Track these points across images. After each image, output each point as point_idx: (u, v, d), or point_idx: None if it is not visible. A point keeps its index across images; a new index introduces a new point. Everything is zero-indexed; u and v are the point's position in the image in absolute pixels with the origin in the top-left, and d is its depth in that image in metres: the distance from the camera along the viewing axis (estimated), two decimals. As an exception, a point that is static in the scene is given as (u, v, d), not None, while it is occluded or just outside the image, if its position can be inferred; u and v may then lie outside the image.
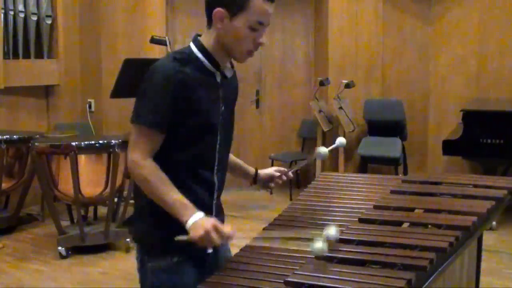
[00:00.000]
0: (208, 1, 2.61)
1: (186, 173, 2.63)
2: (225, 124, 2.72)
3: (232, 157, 2.99)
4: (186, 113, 2.55)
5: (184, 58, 2.59)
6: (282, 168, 3.13)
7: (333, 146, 3.26)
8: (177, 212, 2.49)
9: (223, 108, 2.70)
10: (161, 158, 2.57)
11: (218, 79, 2.68)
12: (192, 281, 2.62)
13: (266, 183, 3.10)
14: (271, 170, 3.10)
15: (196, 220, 2.46)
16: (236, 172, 3.09)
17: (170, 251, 2.63)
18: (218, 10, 2.54)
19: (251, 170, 3.09)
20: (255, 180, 3.09)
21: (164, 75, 2.54)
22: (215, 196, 2.76)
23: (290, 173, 3.13)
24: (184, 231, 2.47)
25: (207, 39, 2.63)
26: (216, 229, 2.44)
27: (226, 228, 2.49)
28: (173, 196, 2.51)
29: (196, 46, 2.64)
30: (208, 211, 2.63)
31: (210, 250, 2.67)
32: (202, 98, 2.59)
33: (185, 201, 2.51)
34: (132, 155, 2.55)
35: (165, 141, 2.58)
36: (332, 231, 2.52)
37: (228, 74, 2.72)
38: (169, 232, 2.51)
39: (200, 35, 2.68)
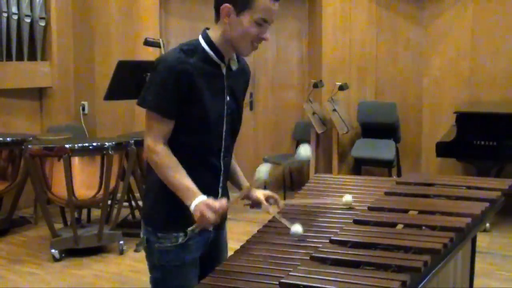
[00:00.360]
0: None
1: (193, 158, 2.79)
2: (232, 113, 2.88)
3: (233, 163, 3.11)
4: (189, 101, 2.70)
5: (190, 49, 2.75)
6: (275, 196, 3.14)
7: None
8: (182, 195, 2.69)
9: (228, 98, 2.85)
10: (174, 140, 2.76)
11: (224, 70, 2.83)
12: (197, 257, 2.87)
13: (254, 203, 3.12)
14: (262, 196, 3.10)
15: (195, 205, 2.65)
16: (232, 180, 3.14)
17: (174, 228, 2.80)
18: (226, 6, 2.70)
19: (245, 185, 3.12)
20: (246, 196, 3.09)
21: (167, 65, 2.69)
22: (221, 180, 2.93)
23: (281, 204, 3.15)
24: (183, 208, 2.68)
25: (214, 33, 2.80)
26: (209, 207, 2.63)
27: (217, 203, 2.66)
28: (181, 181, 2.69)
29: (204, 38, 2.81)
30: (214, 195, 2.80)
31: (210, 228, 2.82)
32: (205, 88, 2.74)
33: (191, 185, 2.70)
34: (146, 140, 2.75)
35: (176, 125, 2.74)
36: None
37: (234, 66, 2.89)
38: (173, 207, 2.75)
39: (208, 29, 2.85)
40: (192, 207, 2.66)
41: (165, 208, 2.80)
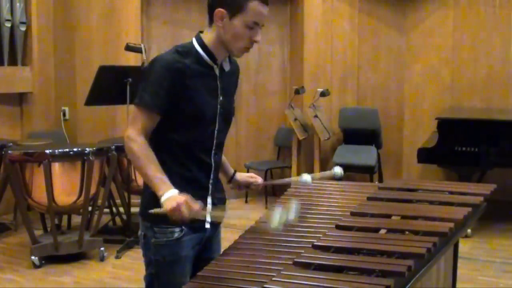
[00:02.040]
0: (210, 2, 2.91)
1: (185, 154, 2.91)
2: (224, 113, 3.00)
3: (227, 164, 3.31)
4: (183, 100, 2.82)
5: (185, 51, 2.88)
6: (258, 178, 3.37)
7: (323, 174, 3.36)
8: (155, 185, 2.76)
9: (221, 98, 2.97)
10: (163, 139, 2.88)
11: (217, 71, 2.96)
12: (191, 254, 2.96)
13: (239, 186, 3.37)
14: (246, 176, 3.36)
15: (170, 195, 2.70)
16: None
17: (166, 223, 2.84)
18: (219, 10, 2.84)
19: (230, 170, 3.33)
20: (231, 181, 3.35)
21: (164, 64, 2.81)
22: (212, 177, 3.02)
23: (259, 181, 3.37)
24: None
25: (208, 36, 2.93)
26: (187, 204, 2.68)
27: (196, 205, 2.71)
28: (154, 172, 2.77)
29: (197, 41, 2.93)
30: (204, 190, 2.98)
31: (207, 226, 2.96)
32: (199, 88, 2.87)
33: (164, 178, 2.77)
34: (128, 130, 2.83)
35: (167, 124, 2.85)
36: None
37: (226, 68, 3.02)
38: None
39: (202, 32, 2.98)
40: (164, 197, 2.71)
41: (158, 204, 2.78)
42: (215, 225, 3.08)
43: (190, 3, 8.71)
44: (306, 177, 3.33)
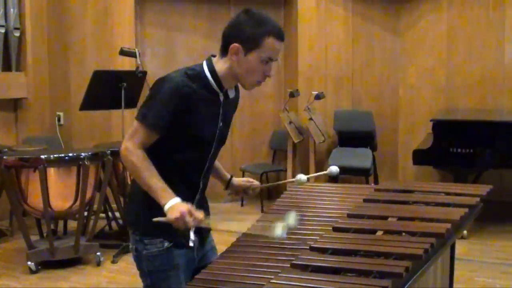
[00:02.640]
0: (226, 35, 2.88)
1: (176, 173, 2.90)
2: (220, 137, 3.02)
3: (222, 170, 3.35)
4: (185, 123, 2.83)
5: (194, 75, 2.87)
6: (255, 182, 3.40)
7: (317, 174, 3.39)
8: (157, 194, 2.77)
9: (221, 124, 2.99)
10: (157, 156, 2.85)
11: (221, 98, 2.96)
12: (182, 262, 2.95)
13: (237, 191, 3.39)
14: (242, 181, 3.39)
15: (174, 204, 2.72)
16: (214, 174, 3.30)
17: (160, 234, 2.90)
18: (235, 45, 2.83)
19: (227, 176, 3.35)
20: (228, 186, 3.36)
21: (173, 86, 2.80)
22: (198, 197, 3.01)
23: (256, 184, 3.41)
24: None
25: (220, 65, 2.90)
26: (190, 213, 2.68)
27: (199, 214, 2.72)
28: (156, 181, 2.78)
29: (208, 67, 2.92)
30: None
31: (191, 244, 2.81)
32: (203, 113, 2.87)
33: (166, 187, 2.78)
34: (126, 143, 2.83)
35: (163, 143, 2.86)
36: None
37: (231, 95, 3.03)
38: (157, 213, 2.75)
39: (214, 56, 2.96)
40: (167, 206, 2.72)
41: (150, 214, 2.81)
42: (205, 245, 3.13)
43: (184, 8, 8.72)
44: (301, 176, 3.36)
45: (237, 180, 3.37)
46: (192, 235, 2.80)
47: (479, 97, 8.63)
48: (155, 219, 2.74)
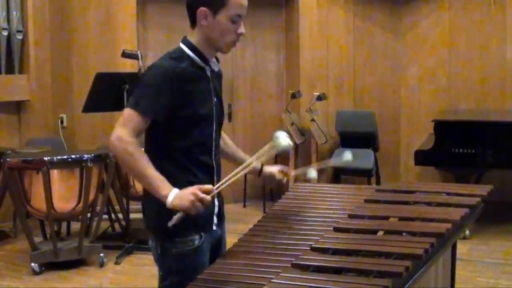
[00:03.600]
0: (190, 3, 2.96)
1: (188, 159, 2.92)
2: (217, 113, 3.05)
3: (241, 152, 3.38)
4: (183, 104, 2.85)
5: (178, 56, 2.92)
6: (285, 169, 3.34)
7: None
8: (156, 185, 2.76)
9: (215, 99, 3.03)
10: (165, 146, 2.91)
11: (208, 73, 3.01)
12: (208, 259, 2.99)
13: (267, 179, 3.33)
14: (274, 169, 3.31)
15: (177, 194, 2.72)
16: (234, 159, 3.36)
17: (191, 229, 2.92)
18: (202, 9, 2.89)
19: (258, 165, 3.23)
20: (259, 174, 3.30)
21: (164, 70, 2.84)
22: (215, 178, 3.04)
23: (292, 174, 3.45)
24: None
25: (194, 38, 2.97)
26: (197, 196, 2.70)
27: (205, 189, 2.74)
28: (153, 172, 2.76)
29: (186, 45, 2.98)
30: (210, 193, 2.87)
31: (214, 228, 3.04)
32: (197, 91, 2.91)
33: (164, 178, 2.77)
34: (119, 132, 2.78)
35: (167, 130, 2.88)
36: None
37: (215, 68, 3.06)
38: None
39: (186, 37, 3.01)
40: (170, 197, 2.72)
41: (170, 212, 2.77)
42: (222, 223, 3.18)
43: (185, 9, 8.72)
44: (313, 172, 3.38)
45: (269, 169, 3.31)
46: (215, 219, 3.01)
47: (480, 98, 8.64)
48: (170, 224, 2.72)
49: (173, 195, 2.71)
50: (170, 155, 2.90)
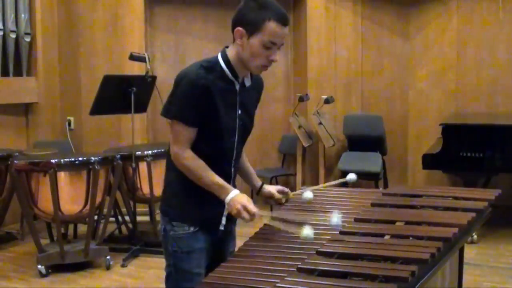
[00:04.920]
0: (233, 20, 3.03)
1: (210, 164, 3.06)
2: (243, 125, 3.19)
3: (247, 165, 3.51)
4: (206, 115, 2.99)
5: (210, 66, 3.03)
6: (285, 190, 3.50)
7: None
8: (217, 192, 3.03)
9: (240, 112, 3.14)
10: (191, 148, 3.05)
11: (237, 87, 3.12)
12: (205, 246, 3.16)
13: (266, 198, 3.51)
14: (273, 189, 3.47)
15: (232, 197, 3.00)
16: (246, 180, 3.52)
17: (186, 220, 3.13)
18: (238, 29, 2.98)
19: (258, 183, 3.48)
20: (258, 193, 3.48)
21: (190, 80, 2.96)
22: (232, 184, 3.18)
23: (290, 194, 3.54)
24: (200, 204, 3.11)
25: (231, 52, 3.07)
26: (245, 208, 2.96)
27: (255, 209, 2.99)
28: (213, 180, 3.03)
29: (222, 56, 3.08)
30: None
31: (221, 228, 3.19)
32: (220, 104, 3.01)
33: (223, 183, 3.04)
34: (173, 148, 3.06)
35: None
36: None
37: (247, 83, 3.18)
38: (185, 203, 3.14)
39: (227, 47, 3.11)
40: (227, 201, 3.01)
41: (180, 203, 3.15)
42: (231, 221, 3.29)
43: (194, 12, 8.75)
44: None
45: (268, 188, 3.46)
46: (223, 220, 3.15)
47: (489, 101, 8.61)
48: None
49: (229, 198, 3.00)
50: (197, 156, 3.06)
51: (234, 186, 3.18)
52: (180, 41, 8.74)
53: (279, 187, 3.50)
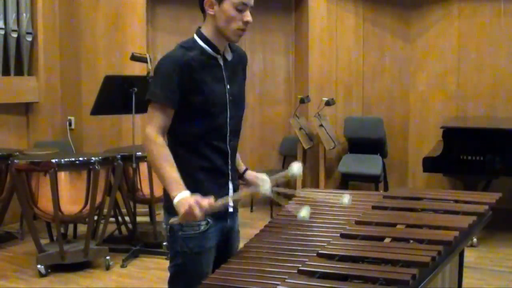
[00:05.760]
0: None
1: (202, 144, 3.05)
2: (234, 100, 3.13)
3: (241, 163, 3.40)
4: (193, 92, 2.97)
5: (189, 46, 3.05)
6: (266, 181, 3.23)
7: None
8: (169, 187, 2.91)
9: (228, 86, 3.11)
10: (179, 132, 3.03)
11: (221, 62, 3.11)
12: (214, 244, 3.10)
13: (248, 185, 3.37)
14: (255, 178, 3.32)
15: (182, 197, 2.84)
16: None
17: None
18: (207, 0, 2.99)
19: (242, 167, 3.39)
20: (241, 177, 3.39)
21: (172, 59, 2.99)
22: (230, 163, 3.16)
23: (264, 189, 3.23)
24: None
25: (205, 29, 3.08)
26: (197, 203, 2.80)
27: (206, 201, 2.83)
28: (170, 173, 2.91)
29: (198, 35, 3.10)
30: (225, 177, 3.15)
31: (230, 210, 3.17)
32: (206, 79, 3.01)
33: (180, 180, 2.90)
34: (147, 129, 2.99)
35: (181, 117, 3.00)
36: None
37: (228, 57, 3.15)
38: None
39: (200, 27, 3.12)
40: (176, 200, 2.85)
41: None
42: (234, 214, 3.26)
43: (195, 12, 8.67)
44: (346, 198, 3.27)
45: (251, 175, 3.37)
46: (230, 202, 3.11)
47: (489, 104, 8.60)
48: (170, 221, 2.92)
49: (179, 198, 2.84)
50: (185, 141, 3.03)
51: (233, 164, 3.20)
52: (181, 41, 8.72)
53: (261, 176, 3.31)
